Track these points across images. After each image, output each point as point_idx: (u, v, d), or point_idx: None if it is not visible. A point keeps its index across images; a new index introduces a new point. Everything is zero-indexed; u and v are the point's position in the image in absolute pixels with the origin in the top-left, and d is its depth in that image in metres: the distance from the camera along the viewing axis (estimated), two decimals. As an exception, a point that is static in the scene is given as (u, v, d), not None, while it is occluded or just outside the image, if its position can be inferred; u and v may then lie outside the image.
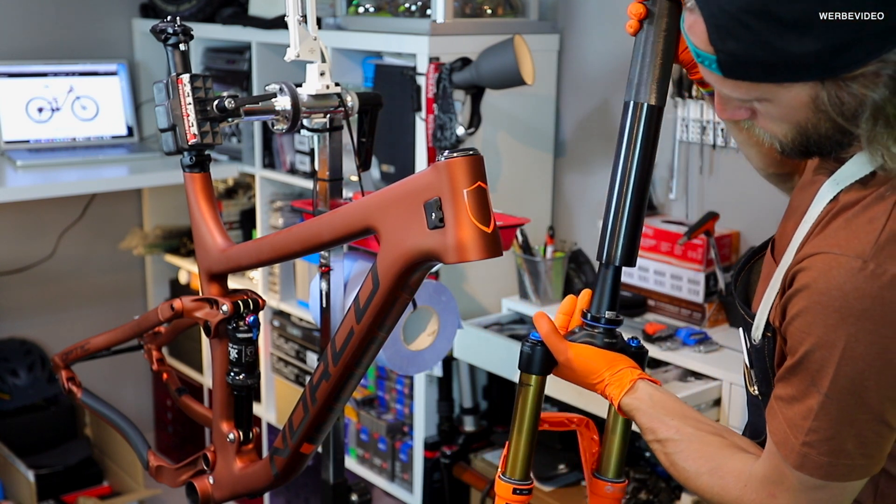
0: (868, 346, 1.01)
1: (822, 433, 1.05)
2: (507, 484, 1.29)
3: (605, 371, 1.24)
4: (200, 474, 1.70)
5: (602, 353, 1.26)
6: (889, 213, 1.04)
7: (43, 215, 3.35)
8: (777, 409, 1.11)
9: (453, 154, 1.21)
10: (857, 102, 1.01)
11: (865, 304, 1.01)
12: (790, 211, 1.24)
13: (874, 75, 0.99)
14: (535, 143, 2.66)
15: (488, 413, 2.67)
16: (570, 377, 1.28)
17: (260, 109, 1.61)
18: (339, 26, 2.63)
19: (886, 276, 1.01)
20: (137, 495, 3.22)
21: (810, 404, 1.05)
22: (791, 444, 1.08)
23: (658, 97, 1.26)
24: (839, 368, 1.02)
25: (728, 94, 1.09)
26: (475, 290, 2.59)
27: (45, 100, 3.15)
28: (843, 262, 1.02)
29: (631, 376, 1.23)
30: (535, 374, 1.28)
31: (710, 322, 2.29)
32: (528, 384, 1.29)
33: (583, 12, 2.61)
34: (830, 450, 1.05)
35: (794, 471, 1.08)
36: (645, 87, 1.26)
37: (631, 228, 1.26)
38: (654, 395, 1.21)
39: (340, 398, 1.47)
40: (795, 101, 1.04)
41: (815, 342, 1.04)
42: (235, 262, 1.59)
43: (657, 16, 1.26)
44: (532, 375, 1.29)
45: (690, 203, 2.45)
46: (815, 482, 1.07)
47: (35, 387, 3.19)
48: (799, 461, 1.07)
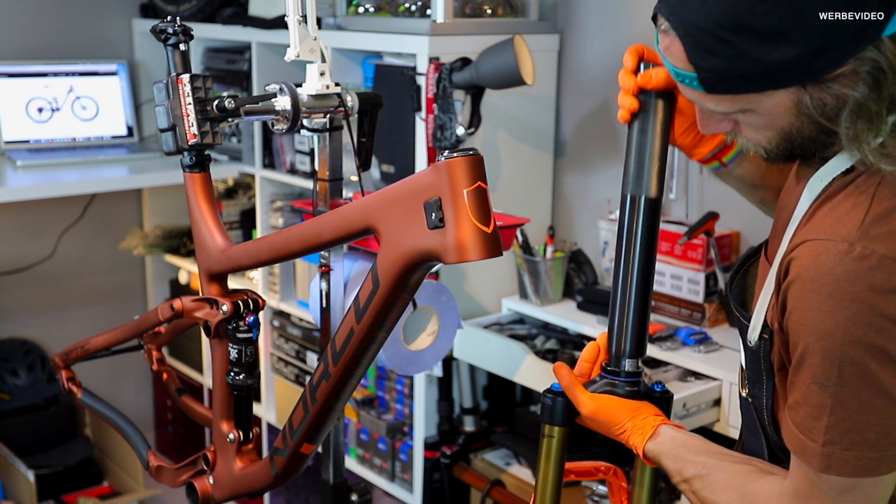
0: (866, 328, 1.01)
1: (841, 426, 1.04)
2: None
3: (627, 421, 1.23)
4: (200, 474, 1.71)
5: (624, 403, 1.25)
6: (872, 196, 1.05)
7: (43, 215, 3.35)
8: (788, 419, 1.09)
9: (453, 154, 1.21)
10: (839, 102, 1.02)
11: (857, 286, 1.01)
12: (778, 212, 1.25)
13: (853, 74, 1.00)
14: (535, 143, 2.66)
15: (488, 413, 2.67)
16: (593, 427, 1.27)
17: (260, 109, 1.61)
18: (339, 26, 2.63)
19: (874, 256, 1.01)
20: (137, 495, 3.22)
21: (819, 401, 1.04)
22: (811, 449, 1.06)
23: (657, 189, 1.27)
24: (843, 356, 1.02)
25: (711, 108, 1.10)
26: (475, 290, 2.59)
27: (45, 100, 3.15)
28: (830, 247, 1.02)
29: (654, 423, 1.22)
30: (558, 425, 1.28)
31: (710, 322, 2.29)
32: (551, 436, 1.28)
33: (583, 12, 2.61)
34: (853, 442, 1.04)
35: (821, 476, 1.06)
36: (644, 179, 1.26)
37: (638, 322, 1.26)
38: (677, 437, 1.21)
39: (340, 398, 1.47)
40: (778, 108, 1.06)
41: (813, 333, 1.03)
42: (235, 262, 1.59)
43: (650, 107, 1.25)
44: (555, 427, 1.28)
45: (690, 203, 2.45)
46: (846, 483, 1.05)
47: (35, 387, 3.19)
48: (824, 463, 1.05)
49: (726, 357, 2.14)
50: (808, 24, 0.98)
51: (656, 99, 1.26)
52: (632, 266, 1.26)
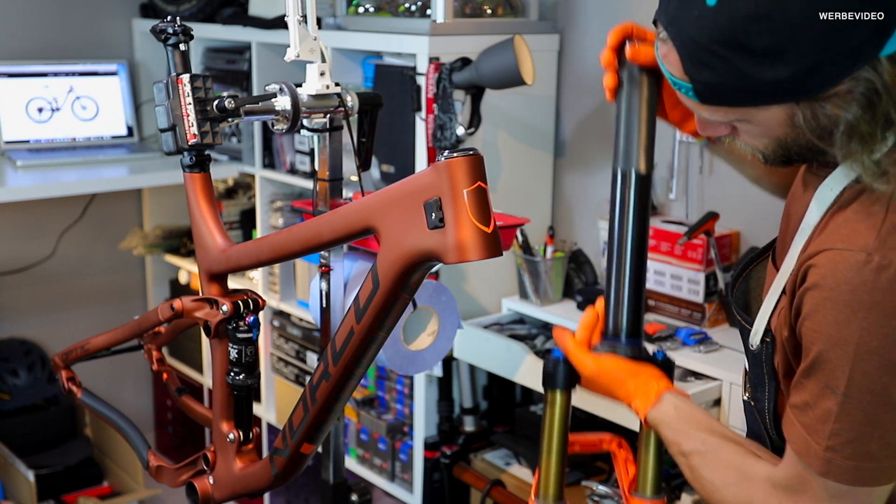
0: (882, 339, 1.01)
1: (844, 436, 1.04)
2: None
3: (630, 381, 1.23)
4: (200, 474, 1.70)
5: (627, 364, 1.25)
6: (887, 205, 1.04)
7: (43, 215, 3.35)
8: (793, 418, 1.09)
9: (453, 154, 1.21)
10: (832, 122, 1.02)
11: (875, 296, 1.00)
12: (786, 219, 1.24)
13: (847, 94, 1.00)
14: (535, 143, 2.66)
15: (488, 413, 2.67)
16: (596, 389, 1.27)
17: (260, 109, 1.61)
18: (339, 26, 2.63)
19: (893, 267, 1.01)
20: (137, 495, 3.22)
21: (828, 407, 1.04)
22: (814, 451, 1.06)
23: (647, 164, 1.27)
24: (854, 365, 1.02)
25: (707, 117, 1.11)
26: (475, 290, 2.59)
27: (45, 100, 3.15)
28: (848, 257, 1.02)
29: (657, 388, 1.22)
30: (560, 389, 1.27)
31: (710, 322, 2.29)
32: (552, 402, 1.28)
33: (583, 12, 2.61)
34: (855, 452, 1.04)
35: (818, 478, 1.06)
36: (633, 154, 1.26)
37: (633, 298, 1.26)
38: (681, 408, 1.20)
39: (340, 398, 1.47)
40: (773, 120, 1.06)
41: (828, 340, 1.03)
42: (235, 262, 1.59)
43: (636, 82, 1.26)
44: (557, 392, 1.27)
45: (690, 203, 2.45)
46: (841, 488, 1.06)
47: (35, 387, 3.20)
48: (824, 467, 1.05)
49: (726, 357, 2.14)
50: (802, 44, 0.98)
51: (642, 74, 1.26)
52: (625, 241, 1.26)
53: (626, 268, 1.26)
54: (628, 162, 1.26)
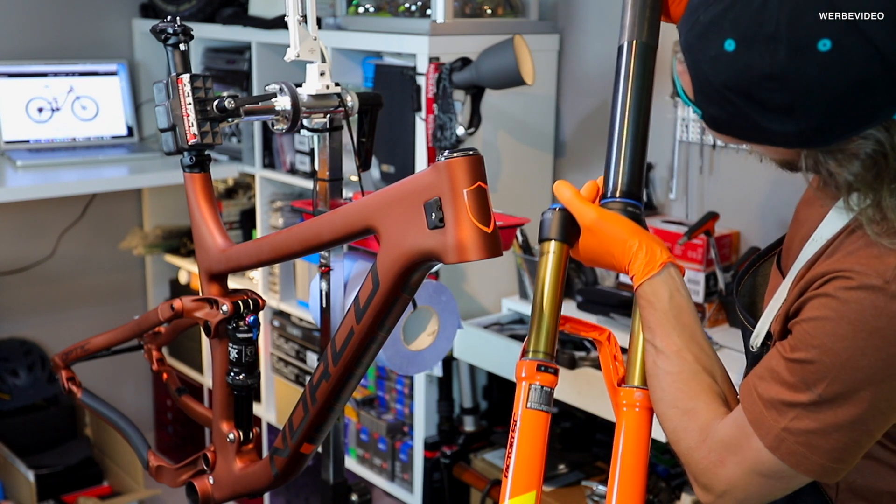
0: (872, 361, 1.01)
1: (805, 425, 1.04)
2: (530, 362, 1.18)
3: (632, 239, 1.17)
4: (200, 474, 1.70)
5: (629, 222, 1.19)
6: None
7: (43, 215, 3.35)
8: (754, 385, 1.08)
9: (453, 154, 1.21)
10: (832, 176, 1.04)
11: (881, 322, 1.00)
12: (796, 224, 1.23)
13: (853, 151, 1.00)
14: (535, 143, 2.66)
15: (488, 413, 2.67)
16: (594, 246, 1.20)
17: (260, 109, 1.61)
18: (339, 26, 2.63)
19: None
20: (137, 495, 3.22)
21: (799, 399, 1.04)
22: (769, 425, 1.05)
23: (650, 35, 1.25)
24: (837, 377, 1.02)
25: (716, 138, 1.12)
26: (475, 290, 2.59)
27: (45, 100, 3.15)
28: (864, 281, 1.02)
29: (661, 258, 1.16)
30: (557, 239, 1.22)
31: (710, 322, 2.28)
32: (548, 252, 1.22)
33: (583, 12, 2.61)
34: (808, 442, 1.04)
35: (761, 448, 1.06)
36: (638, 27, 1.25)
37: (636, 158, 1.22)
38: (675, 298, 1.15)
39: (340, 398, 1.47)
40: (781, 153, 1.09)
41: (819, 347, 1.03)
42: (235, 262, 1.59)
43: None
44: (553, 241, 1.22)
45: (690, 203, 2.45)
46: (777, 466, 1.05)
47: (35, 387, 3.20)
48: (775, 444, 1.05)
49: (726, 357, 2.12)
50: (815, 106, 0.97)
51: None
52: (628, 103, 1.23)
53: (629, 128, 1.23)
54: (633, 34, 1.25)
